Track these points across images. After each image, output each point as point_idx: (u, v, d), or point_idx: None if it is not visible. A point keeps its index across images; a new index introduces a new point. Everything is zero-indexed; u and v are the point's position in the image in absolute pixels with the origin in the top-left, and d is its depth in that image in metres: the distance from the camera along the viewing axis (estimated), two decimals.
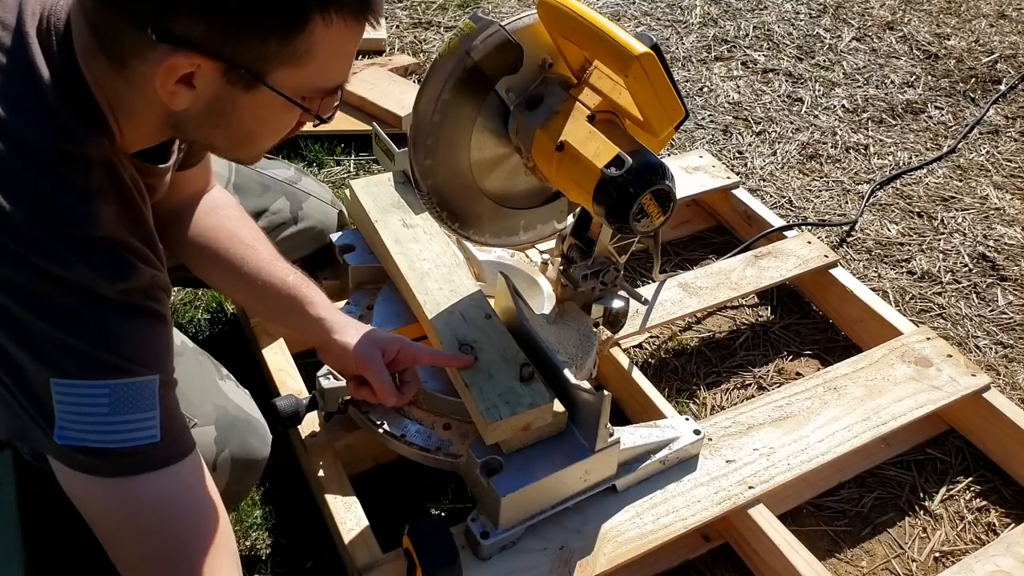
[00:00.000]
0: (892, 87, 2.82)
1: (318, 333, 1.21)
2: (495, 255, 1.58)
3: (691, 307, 1.73)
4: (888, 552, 1.47)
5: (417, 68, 2.66)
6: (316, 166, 2.24)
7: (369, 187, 1.59)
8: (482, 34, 1.16)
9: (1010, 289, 2.05)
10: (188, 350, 1.19)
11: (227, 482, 1.10)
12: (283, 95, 0.87)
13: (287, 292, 1.22)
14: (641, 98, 1.11)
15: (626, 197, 1.12)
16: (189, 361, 1.16)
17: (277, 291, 1.22)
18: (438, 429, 1.29)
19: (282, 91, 0.87)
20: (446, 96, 1.18)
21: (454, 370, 1.23)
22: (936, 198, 2.35)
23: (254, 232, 1.28)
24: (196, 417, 1.07)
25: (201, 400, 1.10)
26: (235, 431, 1.10)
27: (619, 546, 1.26)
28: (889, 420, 1.51)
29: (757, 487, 1.37)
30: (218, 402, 1.11)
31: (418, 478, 1.45)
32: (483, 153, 1.29)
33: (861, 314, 1.81)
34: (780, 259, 1.86)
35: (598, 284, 1.41)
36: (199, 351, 1.21)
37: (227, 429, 1.10)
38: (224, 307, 1.78)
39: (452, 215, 1.32)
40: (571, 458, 1.22)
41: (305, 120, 0.96)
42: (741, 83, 2.79)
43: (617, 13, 3.11)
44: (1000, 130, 2.65)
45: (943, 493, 1.56)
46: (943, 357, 1.64)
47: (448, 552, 1.15)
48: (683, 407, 1.67)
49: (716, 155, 2.43)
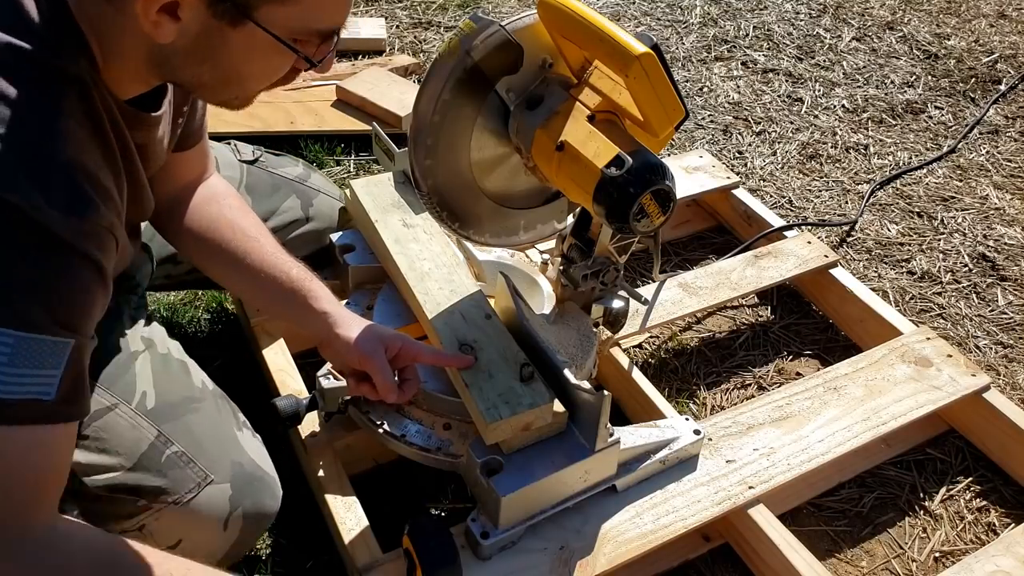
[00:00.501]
0: (892, 87, 2.82)
1: (320, 327, 1.20)
2: (495, 255, 1.58)
3: (691, 307, 1.73)
4: (888, 552, 1.47)
5: (417, 68, 2.66)
6: (316, 166, 2.24)
7: (369, 187, 1.59)
8: (482, 34, 1.16)
9: (1010, 289, 2.05)
10: (208, 394, 1.17)
11: (236, 538, 1.09)
12: (272, 34, 0.85)
13: (290, 285, 1.21)
14: (641, 98, 1.11)
15: (626, 197, 1.12)
16: (209, 409, 1.14)
17: (280, 284, 1.21)
18: (438, 429, 1.29)
19: (271, 29, 0.84)
20: (446, 96, 1.18)
21: (454, 370, 1.23)
22: (936, 198, 2.35)
23: (256, 224, 1.27)
24: (214, 473, 1.06)
25: (219, 455, 1.08)
26: (250, 489, 1.09)
27: (619, 546, 1.26)
28: (889, 420, 1.51)
29: (757, 487, 1.37)
30: (235, 457, 1.10)
31: (418, 478, 1.45)
32: (483, 153, 1.29)
33: (861, 314, 1.81)
34: (780, 259, 1.86)
35: (598, 284, 1.41)
36: (218, 394, 1.19)
37: (242, 487, 1.09)
38: (224, 307, 1.78)
39: (452, 215, 1.32)
40: (571, 458, 1.22)
41: (300, 67, 0.93)
42: (741, 83, 2.79)
43: (617, 13, 3.11)
44: (1000, 130, 2.65)
45: (943, 493, 1.56)
46: (943, 357, 1.64)
47: (448, 552, 1.15)
48: (683, 407, 1.67)
49: (716, 155, 2.43)
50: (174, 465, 1.05)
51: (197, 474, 1.05)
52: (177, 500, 1.03)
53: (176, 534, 1.03)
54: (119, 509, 1.03)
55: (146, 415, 1.07)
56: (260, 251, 1.22)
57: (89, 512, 1.04)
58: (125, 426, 1.05)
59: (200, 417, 1.11)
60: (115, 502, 1.03)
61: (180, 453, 1.06)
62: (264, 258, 1.22)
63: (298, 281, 1.22)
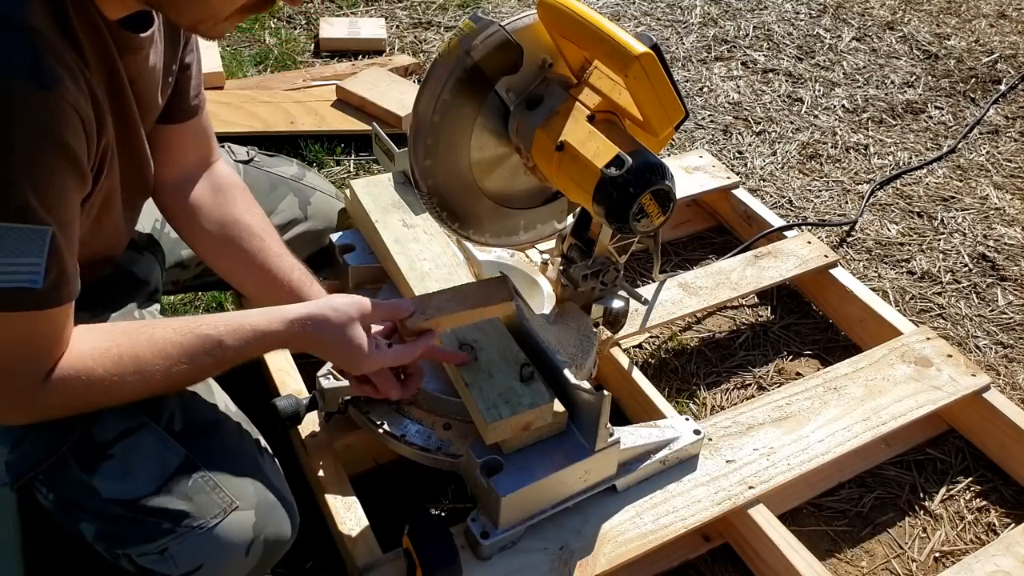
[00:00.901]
0: (892, 87, 2.82)
1: None
2: (495, 255, 1.58)
3: (691, 307, 1.73)
4: (888, 552, 1.47)
5: (417, 68, 2.66)
6: (316, 166, 2.24)
7: (369, 187, 1.59)
8: (482, 34, 1.16)
9: (1010, 289, 2.05)
10: (230, 419, 1.16)
11: (255, 564, 1.08)
12: None
13: (289, 288, 1.22)
14: (641, 98, 1.11)
15: (626, 197, 1.12)
16: (231, 435, 1.14)
17: (280, 286, 1.22)
18: (438, 429, 1.29)
19: None
20: (446, 96, 1.18)
21: (454, 370, 1.23)
22: (936, 198, 2.35)
23: (262, 221, 1.28)
24: (239, 500, 1.05)
25: (242, 482, 1.08)
26: (272, 516, 1.09)
27: (619, 546, 1.26)
28: (889, 420, 1.51)
29: (757, 487, 1.37)
30: (258, 484, 1.09)
31: (418, 478, 1.45)
32: (483, 153, 1.29)
33: (861, 314, 1.81)
34: (780, 259, 1.86)
35: (598, 284, 1.41)
36: (240, 417, 1.19)
37: (265, 514, 1.08)
38: (224, 308, 1.78)
39: (452, 215, 1.32)
40: (571, 458, 1.22)
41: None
42: (741, 83, 2.79)
43: (617, 13, 3.11)
44: (1000, 130, 2.65)
45: (943, 493, 1.56)
46: (943, 357, 1.64)
47: (448, 552, 1.15)
48: (683, 407, 1.67)
49: (716, 155, 2.43)
50: (200, 490, 1.03)
51: (223, 499, 1.04)
52: (202, 525, 1.02)
53: (198, 559, 1.02)
54: (142, 531, 1.02)
55: (175, 437, 1.06)
56: (264, 251, 1.23)
57: (110, 533, 1.03)
58: (153, 448, 1.04)
59: (225, 441, 1.11)
60: (138, 524, 1.02)
61: (207, 478, 1.05)
62: (268, 258, 1.23)
63: (298, 285, 1.23)
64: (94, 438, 1.03)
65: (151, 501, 1.02)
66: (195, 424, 1.08)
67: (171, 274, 1.43)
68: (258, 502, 1.08)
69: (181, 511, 1.02)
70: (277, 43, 2.75)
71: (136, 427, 1.05)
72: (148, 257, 1.31)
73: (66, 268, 0.89)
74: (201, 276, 1.48)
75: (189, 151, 1.25)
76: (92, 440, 1.03)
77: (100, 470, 1.02)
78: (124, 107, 1.01)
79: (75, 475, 1.03)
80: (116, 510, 1.02)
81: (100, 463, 1.02)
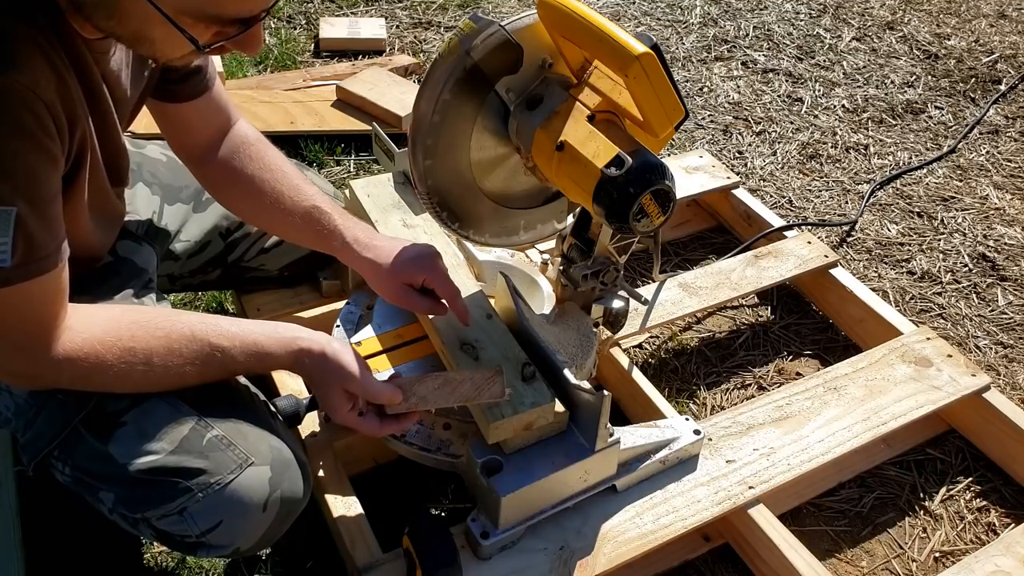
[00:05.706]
0: (892, 87, 2.82)
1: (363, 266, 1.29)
2: (495, 255, 1.58)
3: (691, 307, 1.73)
4: (888, 552, 1.47)
5: (417, 68, 2.66)
6: (316, 166, 2.24)
7: (369, 187, 1.59)
8: (482, 34, 1.16)
9: (1010, 289, 2.05)
10: (242, 386, 1.19)
11: (272, 521, 1.09)
12: (158, 8, 0.85)
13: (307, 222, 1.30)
14: (641, 98, 1.11)
15: (626, 197, 1.12)
16: (245, 399, 1.16)
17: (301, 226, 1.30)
18: (438, 429, 1.29)
19: (159, 4, 0.84)
20: (446, 96, 1.18)
21: (455, 369, 1.23)
22: (936, 198, 2.35)
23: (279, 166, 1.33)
24: (254, 456, 1.07)
25: (258, 439, 1.10)
26: (288, 472, 1.10)
27: (619, 546, 1.26)
28: (889, 420, 1.51)
29: (757, 487, 1.37)
30: (273, 443, 1.11)
31: (418, 478, 1.45)
32: (483, 153, 1.29)
33: (861, 314, 1.81)
34: (780, 259, 1.86)
35: (598, 284, 1.41)
36: (250, 386, 1.21)
37: (280, 470, 1.09)
38: (224, 308, 1.78)
39: (452, 215, 1.32)
40: (571, 458, 1.22)
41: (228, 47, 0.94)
42: (741, 83, 2.79)
43: (617, 13, 3.11)
44: (1000, 130, 2.65)
45: (943, 493, 1.56)
46: (943, 357, 1.64)
47: (448, 552, 1.15)
48: (683, 407, 1.67)
49: (716, 155, 2.43)
50: (215, 448, 1.05)
51: (238, 456, 1.06)
52: (219, 481, 1.04)
53: (217, 516, 1.04)
54: (160, 492, 1.04)
55: (186, 402, 1.08)
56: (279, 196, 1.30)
57: (129, 497, 1.05)
58: (165, 412, 1.06)
59: (237, 404, 1.13)
60: (156, 485, 1.04)
61: (221, 436, 1.07)
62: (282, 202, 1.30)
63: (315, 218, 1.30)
64: (106, 407, 1.05)
65: (167, 461, 1.04)
66: (206, 390, 1.09)
67: (164, 267, 1.44)
68: (272, 459, 1.10)
69: (197, 468, 1.04)
70: (277, 43, 2.75)
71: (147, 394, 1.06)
72: (146, 248, 1.33)
73: (38, 243, 0.91)
74: (195, 273, 1.50)
75: (208, 121, 1.29)
76: (104, 410, 1.05)
77: (115, 436, 1.04)
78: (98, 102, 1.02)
79: (90, 445, 1.05)
80: (133, 474, 1.03)
81: (114, 430, 1.05)
